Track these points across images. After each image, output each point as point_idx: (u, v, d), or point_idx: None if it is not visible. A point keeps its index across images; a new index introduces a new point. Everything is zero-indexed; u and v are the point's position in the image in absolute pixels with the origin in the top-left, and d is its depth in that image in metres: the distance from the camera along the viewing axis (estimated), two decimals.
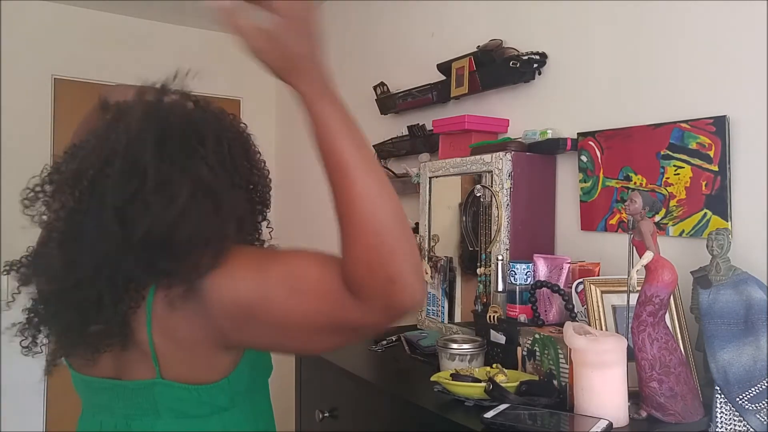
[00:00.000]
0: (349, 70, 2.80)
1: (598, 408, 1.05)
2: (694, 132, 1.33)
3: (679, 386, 1.08)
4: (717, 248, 1.16)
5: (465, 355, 1.39)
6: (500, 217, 1.57)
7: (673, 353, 1.10)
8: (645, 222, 1.14)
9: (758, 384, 1.07)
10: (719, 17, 1.31)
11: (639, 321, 1.10)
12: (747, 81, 1.26)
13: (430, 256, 1.89)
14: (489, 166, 1.62)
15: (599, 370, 1.06)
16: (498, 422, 1.04)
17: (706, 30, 1.34)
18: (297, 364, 1.75)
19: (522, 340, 1.29)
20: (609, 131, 1.52)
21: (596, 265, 1.43)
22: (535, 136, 1.68)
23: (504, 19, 1.91)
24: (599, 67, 1.59)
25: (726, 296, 1.12)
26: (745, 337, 1.10)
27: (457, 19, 2.15)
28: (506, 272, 1.47)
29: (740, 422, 1.08)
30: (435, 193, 1.91)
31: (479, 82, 1.89)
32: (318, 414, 1.59)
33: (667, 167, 1.38)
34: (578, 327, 1.11)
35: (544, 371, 1.21)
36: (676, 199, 1.36)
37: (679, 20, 1.39)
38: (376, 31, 2.68)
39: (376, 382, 1.43)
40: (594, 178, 1.56)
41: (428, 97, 2.16)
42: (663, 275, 1.09)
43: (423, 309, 1.90)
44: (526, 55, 1.74)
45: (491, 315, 1.45)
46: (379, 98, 2.46)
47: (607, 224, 1.53)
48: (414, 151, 2.26)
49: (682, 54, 1.39)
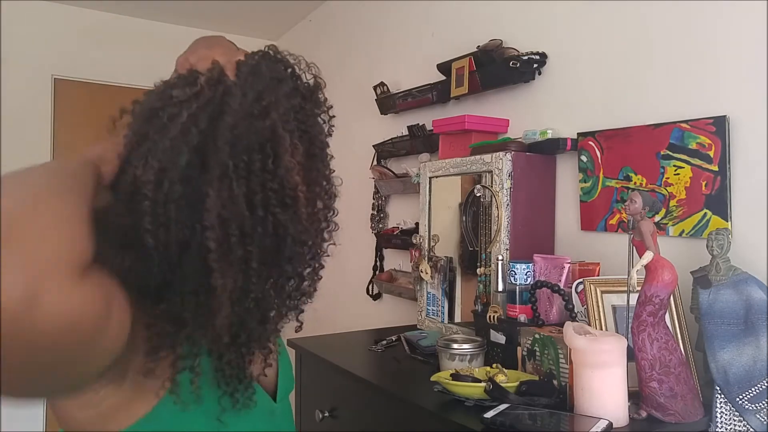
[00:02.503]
0: (349, 70, 2.80)
1: (598, 408, 1.05)
2: (694, 132, 1.33)
3: (679, 386, 1.08)
4: (717, 248, 1.16)
5: (465, 355, 1.39)
6: (500, 217, 1.57)
7: (673, 353, 1.10)
8: (645, 222, 1.14)
9: (758, 384, 1.07)
10: (719, 17, 1.31)
11: (639, 321, 1.11)
12: (747, 81, 1.26)
13: (430, 256, 1.89)
14: (489, 166, 1.62)
15: (599, 370, 1.06)
16: (498, 422, 1.04)
17: (706, 30, 1.34)
18: (297, 365, 1.75)
19: (522, 340, 1.29)
20: (609, 131, 1.52)
21: (596, 265, 1.43)
22: (535, 136, 1.68)
23: (504, 19, 1.91)
24: (599, 67, 1.59)
25: (726, 296, 1.12)
26: (745, 337, 1.10)
27: (457, 19, 2.15)
28: (506, 272, 1.47)
29: (740, 422, 1.08)
30: (435, 193, 1.91)
31: (479, 82, 1.89)
32: (318, 414, 1.59)
33: (667, 167, 1.38)
34: (578, 327, 1.11)
35: (544, 371, 1.21)
36: (676, 199, 1.36)
37: (679, 20, 1.39)
38: (376, 31, 2.68)
39: (376, 382, 1.43)
40: (594, 178, 1.56)
41: (428, 97, 2.16)
42: (663, 275, 1.09)
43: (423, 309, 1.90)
44: (526, 55, 1.74)
45: (491, 315, 1.45)
46: (379, 98, 2.46)
47: (607, 224, 1.53)
48: (414, 151, 2.27)
49: (682, 54, 1.39)
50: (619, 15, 1.53)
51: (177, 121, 0.60)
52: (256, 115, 0.62)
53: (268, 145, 0.62)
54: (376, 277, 2.52)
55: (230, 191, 0.59)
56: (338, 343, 1.82)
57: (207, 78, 0.64)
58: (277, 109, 0.63)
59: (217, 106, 0.62)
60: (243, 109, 0.61)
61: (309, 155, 0.68)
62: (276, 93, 0.64)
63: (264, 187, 0.61)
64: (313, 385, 1.70)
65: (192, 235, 0.59)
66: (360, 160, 2.60)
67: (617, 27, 1.54)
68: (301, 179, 0.66)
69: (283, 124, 0.63)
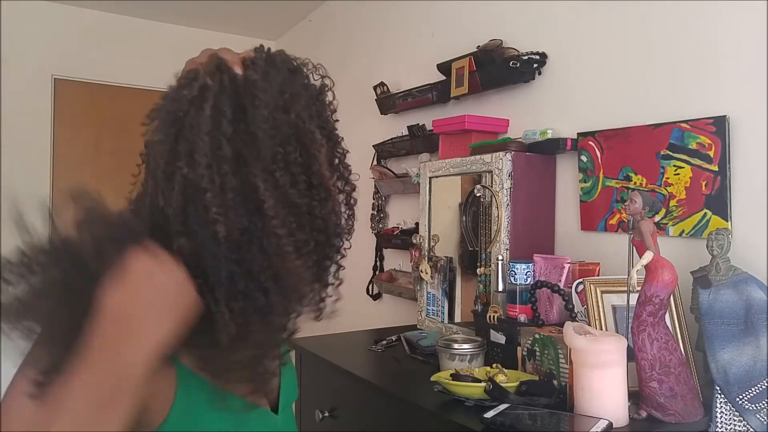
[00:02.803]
0: (350, 70, 2.80)
1: (598, 408, 1.05)
2: (694, 132, 1.33)
3: (679, 386, 1.08)
4: (717, 248, 1.16)
5: (465, 355, 1.39)
6: (500, 217, 1.57)
7: (673, 353, 1.10)
8: (645, 222, 1.14)
9: (758, 384, 1.07)
10: (719, 17, 1.31)
11: (639, 321, 1.10)
12: (747, 81, 1.26)
13: (430, 256, 1.89)
14: (489, 166, 1.62)
15: (599, 370, 1.06)
16: (498, 422, 1.04)
17: (706, 30, 1.34)
18: (297, 364, 1.75)
19: (522, 340, 1.29)
20: (609, 131, 1.52)
21: (596, 265, 1.43)
22: (535, 136, 1.68)
23: (504, 19, 1.91)
24: (599, 67, 1.59)
25: (726, 296, 1.12)
26: (745, 337, 1.10)
27: (457, 19, 2.15)
28: (506, 272, 1.47)
29: (740, 422, 1.08)
30: (435, 193, 1.91)
31: (479, 82, 1.89)
32: (318, 414, 1.59)
33: (667, 167, 1.38)
34: (578, 327, 1.11)
35: (544, 371, 1.21)
36: (676, 199, 1.36)
37: (679, 20, 1.39)
38: (376, 31, 2.68)
39: (376, 382, 1.43)
40: (594, 178, 1.56)
41: (428, 97, 2.16)
42: (663, 275, 1.09)
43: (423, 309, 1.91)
44: (526, 55, 1.74)
45: (491, 315, 1.45)
46: (379, 98, 2.46)
47: (607, 224, 1.53)
48: (414, 151, 2.27)
49: (682, 54, 1.39)
50: (619, 15, 1.53)
51: (203, 116, 0.61)
52: (282, 107, 0.63)
53: (293, 138, 0.63)
54: (376, 277, 2.52)
55: (275, 181, 0.62)
56: (338, 343, 1.82)
57: (205, 70, 0.65)
58: (299, 102, 0.65)
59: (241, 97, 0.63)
60: (273, 101, 0.63)
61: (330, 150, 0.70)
62: (294, 84, 0.66)
63: (302, 179, 0.64)
64: (313, 385, 1.70)
65: (252, 223, 0.61)
66: (360, 160, 2.60)
67: (617, 27, 1.54)
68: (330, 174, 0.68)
69: (307, 119, 0.65)
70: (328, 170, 0.68)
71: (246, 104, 0.62)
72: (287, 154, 0.63)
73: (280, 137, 0.62)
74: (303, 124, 0.64)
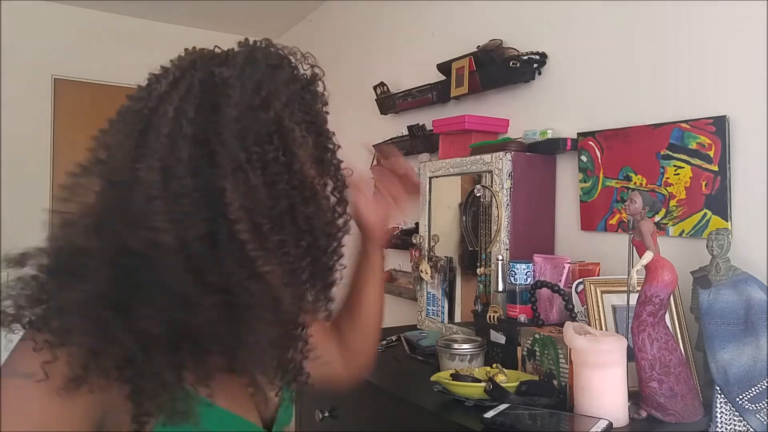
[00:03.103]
0: (349, 70, 2.80)
1: (598, 408, 1.05)
2: (694, 132, 1.33)
3: (679, 386, 1.08)
4: (717, 248, 1.16)
5: (465, 355, 1.39)
6: (500, 217, 1.57)
7: (673, 353, 1.10)
8: (645, 222, 1.14)
9: (758, 384, 1.07)
10: (719, 17, 1.31)
11: (639, 321, 1.10)
12: (747, 81, 1.26)
13: (430, 256, 1.89)
14: (489, 166, 1.62)
15: (599, 370, 1.06)
16: (498, 422, 1.04)
17: (706, 30, 1.34)
18: None
19: (522, 340, 1.29)
20: (609, 131, 1.52)
21: (596, 265, 1.43)
22: (535, 136, 1.68)
23: (504, 19, 1.91)
24: (599, 67, 1.59)
25: (726, 296, 1.12)
26: (745, 337, 1.10)
27: (457, 19, 2.15)
28: (506, 272, 1.47)
29: (740, 422, 1.08)
30: (435, 193, 1.91)
31: (479, 82, 1.89)
32: (318, 414, 1.59)
33: (667, 167, 1.38)
34: (578, 327, 1.11)
35: (544, 371, 1.21)
36: (676, 199, 1.36)
37: (679, 20, 1.39)
38: (376, 31, 2.68)
39: (376, 382, 1.43)
40: (594, 178, 1.56)
41: (428, 97, 2.16)
42: (663, 275, 1.09)
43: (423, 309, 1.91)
44: (526, 55, 1.74)
45: (491, 315, 1.45)
46: (379, 98, 2.46)
47: (607, 224, 1.53)
48: (414, 151, 2.26)
49: (682, 54, 1.39)
50: (619, 15, 1.53)
51: (166, 117, 0.59)
52: (258, 105, 0.60)
53: (275, 136, 0.60)
54: None
55: (247, 183, 0.58)
56: None
57: (176, 65, 0.63)
58: (279, 99, 0.62)
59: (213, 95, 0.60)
60: (244, 100, 0.60)
61: (318, 146, 0.67)
62: (274, 81, 0.63)
63: (282, 179, 0.60)
64: None
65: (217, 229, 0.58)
66: (360, 160, 2.60)
67: (617, 27, 1.54)
68: (316, 172, 0.65)
69: (288, 116, 0.62)
70: (314, 168, 0.64)
71: (220, 103, 0.60)
72: (265, 154, 0.59)
73: (255, 137, 0.59)
74: (283, 121, 0.61)
